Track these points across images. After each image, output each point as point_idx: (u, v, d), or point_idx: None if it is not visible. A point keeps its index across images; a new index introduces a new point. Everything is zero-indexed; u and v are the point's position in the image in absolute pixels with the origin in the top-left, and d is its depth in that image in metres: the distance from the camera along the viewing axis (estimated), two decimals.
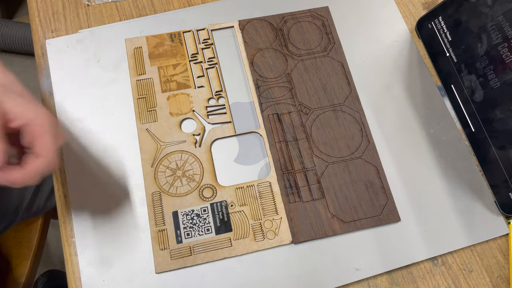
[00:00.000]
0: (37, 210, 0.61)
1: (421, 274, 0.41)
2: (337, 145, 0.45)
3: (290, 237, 0.41)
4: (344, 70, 0.48)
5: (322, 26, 0.50)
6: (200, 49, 0.48)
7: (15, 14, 1.33)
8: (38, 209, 0.61)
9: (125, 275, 0.39)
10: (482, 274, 0.42)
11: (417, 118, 0.47)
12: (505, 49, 0.41)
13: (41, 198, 0.61)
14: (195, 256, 0.40)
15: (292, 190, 0.43)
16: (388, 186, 0.44)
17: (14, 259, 0.63)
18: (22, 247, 0.64)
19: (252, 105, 0.47)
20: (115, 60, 0.47)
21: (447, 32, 0.47)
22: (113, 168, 0.43)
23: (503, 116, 0.41)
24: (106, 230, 0.40)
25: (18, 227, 0.65)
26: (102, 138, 0.44)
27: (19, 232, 0.65)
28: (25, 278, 0.62)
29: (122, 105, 0.45)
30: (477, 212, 0.43)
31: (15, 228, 0.64)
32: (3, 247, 0.64)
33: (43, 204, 0.61)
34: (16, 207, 0.58)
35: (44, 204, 0.61)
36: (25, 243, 0.64)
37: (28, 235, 0.65)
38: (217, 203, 0.42)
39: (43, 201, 0.61)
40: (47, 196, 0.61)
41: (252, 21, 0.50)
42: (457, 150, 0.46)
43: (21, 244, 0.64)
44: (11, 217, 0.58)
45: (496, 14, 0.41)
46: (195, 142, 0.44)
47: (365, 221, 0.42)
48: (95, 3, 0.50)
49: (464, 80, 0.45)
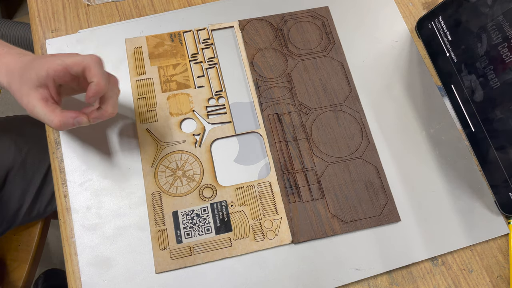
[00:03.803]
0: (37, 215, 0.62)
1: (421, 274, 0.41)
2: (337, 145, 0.45)
3: (290, 237, 0.41)
4: (344, 70, 0.48)
5: (322, 26, 0.50)
6: (200, 49, 0.48)
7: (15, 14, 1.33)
8: (38, 213, 0.61)
9: (125, 275, 0.39)
10: (482, 274, 0.42)
11: (417, 118, 0.47)
12: (505, 49, 0.41)
13: (41, 202, 0.61)
14: (195, 256, 0.40)
15: (292, 190, 0.43)
16: (388, 186, 0.44)
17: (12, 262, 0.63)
18: (20, 250, 0.64)
19: (252, 105, 0.47)
20: (115, 60, 0.47)
21: (447, 32, 0.47)
22: (113, 168, 0.43)
23: (503, 116, 0.41)
24: (106, 229, 0.40)
25: (17, 230, 0.64)
26: (102, 138, 0.44)
27: (18, 235, 0.64)
28: (22, 282, 0.62)
29: (122, 105, 0.45)
30: (477, 212, 0.44)
31: (14, 231, 0.64)
32: (1, 250, 0.63)
33: (43, 209, 0.61)
34: (16, 210, 0.58)
35: (44, 209, 0.61)
36: (23, 246, 0.64)
37: (27, 238, 0.64)
38: (217, 203, 0.42)
39: (43, 206, 0.61)
40: (48, 201, 0.61)
41: (252, 21, 0.50)
42: (457, 150, 0.46)
43: (20, 247, 0.64)
44: (11, 220, 0.58)
45: (496, 14, 0.41)
46: (195, 142, 0.44)
47: (365, 221, 0.42)
48: (95, 3, 0.50)
49: (464, 80, 0.45)
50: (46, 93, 0.36)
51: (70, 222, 0.41)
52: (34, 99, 0.35)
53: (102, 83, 0.35)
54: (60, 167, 0.43)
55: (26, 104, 0.36)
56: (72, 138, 0.44)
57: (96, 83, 0.35)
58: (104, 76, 0.36)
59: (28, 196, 0.59)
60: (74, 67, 0.35)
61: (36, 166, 0.59)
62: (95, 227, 0.40)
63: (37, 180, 0.59)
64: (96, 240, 0.40)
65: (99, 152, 0.43)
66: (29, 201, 0.59)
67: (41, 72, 0.35)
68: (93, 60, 0.35)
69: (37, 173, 0.59)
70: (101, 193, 0.42)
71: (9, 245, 0.64)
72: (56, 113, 0.35)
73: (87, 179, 0.42)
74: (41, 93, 0.35)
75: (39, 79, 0.35)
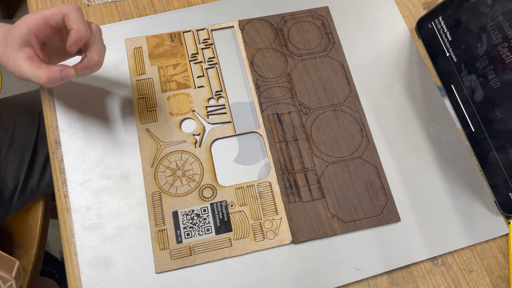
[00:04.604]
0: (31, 191, 0.61)
1: (421, 274, 0.41)
2: (337, 145, 0.45)
3: (290, 237, 0.41)
4: (344, 70, 0.48)
5: (322, 26, 0.50)
6: (200, 49, 0.48)
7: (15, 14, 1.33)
8: (32, 189, 0.61)
9: (125, 275, 0.39)
10: (482, 274, 0.42)
11: (417, 118, 0.47)
12: (505, 49, 0.41)
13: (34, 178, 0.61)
14: (195, 256, 0.40)
15: (292, 190, 0.43)
16: (388, 186, 0.44)
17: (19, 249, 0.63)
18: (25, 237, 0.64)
19: (252, 105, 0.47)
20: (115, 60, 0.47)
21: (447, 32, 0.47)
22: (113, 168, 0.43)
23: (503, 116, 0.41)
24: (106, 229, 0.40)
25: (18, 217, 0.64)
26: (102, 138, 0.44)
27: (20, 222, 0.65)
28: (32, 266, 0.62)
29: (123, 105, 0.45)
30: (477, 212, 0.44)
31: (16, 218, 0.64)
32: (7, 239, 0.64)
33: (36, 185, 0.61)
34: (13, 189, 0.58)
35: (37, 184, 0.61)
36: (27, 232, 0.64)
37: (31, 223, 0.65)
38: (217, 203, 0.42)
39: (36, 181, 0.61)
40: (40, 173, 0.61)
41: (252, 21, 0.50)
42: (457, 150, 0.46)
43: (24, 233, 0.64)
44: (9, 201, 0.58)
45: (496, 14, 0.41)
46: (195, 142, 0.44)
47: (365, 221, 0.42)
48: (95, 3, 0.50)
49: (464, 80, 0.45)
50: (31, 51, 0.36)
51: (70, 222, 0.41)
52: (20, 59, 0.36)
53: (82, 29, 0.35)
54: (60, 167, 0.43)
55: (14, 66, 0.36)
56: (72, 138, 0.44)
57: (76, 30, 0.35)
58: (84, 22, 0.36)
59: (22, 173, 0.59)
60: (53, 17, 0.36)
61: (25, 139, 0.59)
62: (95, 227, 0.40)
63: (28, 152, 0.59)
64: (96, 240, 0.40)
65: (99, 152, 0.43)
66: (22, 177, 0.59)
67: (22, 30, 0.35)
68: (72, 7, 0.35)
69: (27, 147, 0.59)
70: (101, 193, 0.42)
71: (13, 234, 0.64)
72: (42, 69, 0.36)
73: (87, 179, 0.42)
74: (26, 51, 0.36)
75: (22, 37, 0.35)
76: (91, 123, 0.44)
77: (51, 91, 0.45)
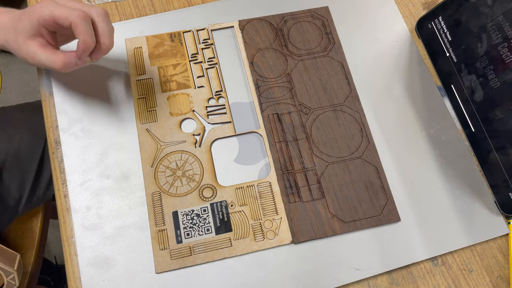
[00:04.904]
0: (37, 201, 0.62)
1: (421, 274, 0.41)
2: (337, 145, 0.45)
3: (290, 237, 0.41)
4: (344, 70, 0.48)
5: (322, 26, 0.50)
6: (200, 49, 0.48)
7: None
8: (38, 199, 0.62)
9: (125, 275, 0.39)
10: (482, 274, 0.42)
11: (417, 118, 0.47)
12: (505, 49, 0.41)
13: (40, 189, 0.61)
14: (195, 256, 0.40)
15: (292, 190, 0.43)
16: (388, 186, 0.44)
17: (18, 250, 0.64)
18: (25, 238, 0.65)
19: (252, 105, 0.47)
20: (115, 60, 0.47)
21: (447, 32, 0.47)
22: (113, 168, 0.43)
23: (503, 116, 0.41)
24: (106, 229, 0.40)
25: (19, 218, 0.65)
26: (102, 138, 0.44)
27: (20, 223, 0.65)
28: (31, 267, 0.63)
29: (122, 105, 0.45)
30: (477, 212, 0.44)
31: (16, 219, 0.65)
32: (7, 240, 0.64)
33: (42, 194, 0.62)
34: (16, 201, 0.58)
35: (43, 193, 0.62)
36: (28, 233, 0.65)
37: (31, 225, 0.65)
38: (217, 203, 0.42)
39: (42, 192, 0.61)
40: (46, 185, 0.61)
41: (252, 21, 0.50)
42: (457, 150, 0.46)
43: (24, 234, 0.65)
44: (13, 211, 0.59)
45: (496, 14, 0.41)
46: (195, 142, 0.44)
47: (365, 221, 0.42)
48: (95, 3, 0.50)
49: (464, 80, 0.45)
50: (43, 40, 0.37)
51: (70, 222, 0.41)
52: (33, 46, 0.36)
53: (88, 41, 0.36)
54: (60, 167, 0.43)
55: (26, 53, 0.37)
56: (72, 138, 0.44)
57: (82, 41, 0.36)
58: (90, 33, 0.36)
59: (27, 185, 0.59)
60: (61, 20, 0.36)
61: (31, 152, 0.59)
62: (95, 227, 0.40)
63: (33, 166, 0.59)
64: (96, 240, 0.40)
65: (99, 152, 0.43)
66: (28, 190, 0.59)
67: (33, 21, 0.36)
68: (79, 17, 0.36)
69: (33, 159, 0.59)
70: (101, 193, 0.42)
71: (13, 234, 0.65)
72: (58, 55, 0.37)
73: (87, 179, 0.42)
74: (38, 41, 0.37)
75: (32, 27, 0.36)
76: (91, 123, 0.44)
77: (51, 92, 0.45)
